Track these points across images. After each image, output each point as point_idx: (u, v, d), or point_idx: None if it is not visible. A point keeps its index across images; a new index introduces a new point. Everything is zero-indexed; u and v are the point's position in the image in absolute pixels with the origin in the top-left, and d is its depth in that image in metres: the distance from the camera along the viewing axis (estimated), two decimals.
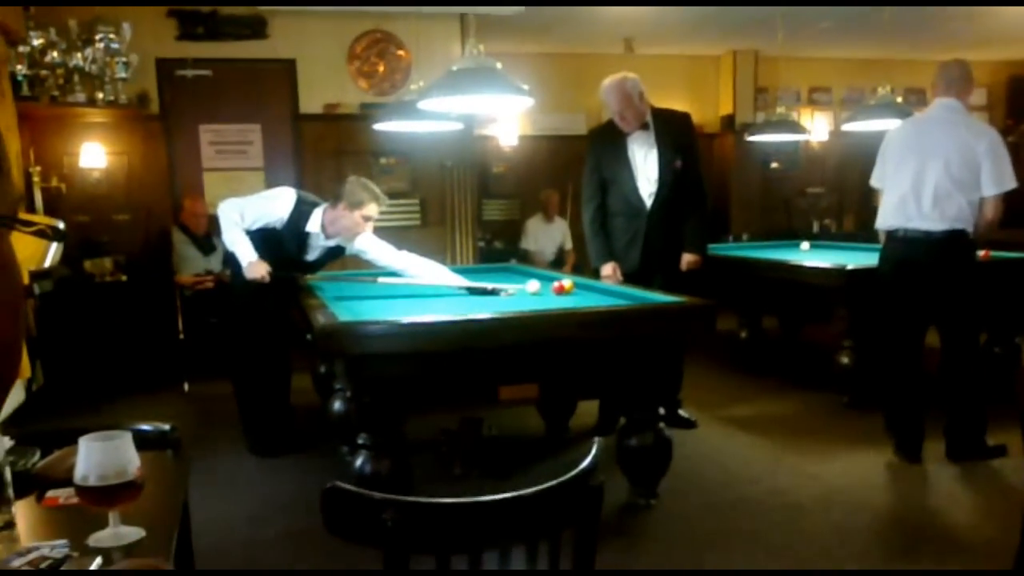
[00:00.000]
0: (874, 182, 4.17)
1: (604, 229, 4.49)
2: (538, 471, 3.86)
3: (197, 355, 6.01)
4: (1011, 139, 10.27)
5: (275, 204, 4.30)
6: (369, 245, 4.50)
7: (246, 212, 4.26)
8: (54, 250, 2.19)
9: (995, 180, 3.78)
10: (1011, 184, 3.81)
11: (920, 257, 3.88)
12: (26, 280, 3.96)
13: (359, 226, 4.29)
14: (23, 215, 2.11)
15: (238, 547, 3.26)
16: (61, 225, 2.23)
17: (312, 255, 4.46)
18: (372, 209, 4.27)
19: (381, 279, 4.38)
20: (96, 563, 1.31)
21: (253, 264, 4.19)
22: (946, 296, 3.89)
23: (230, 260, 4.41)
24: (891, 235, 4.02)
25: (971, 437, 3.98)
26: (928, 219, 3.83)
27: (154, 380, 5.86)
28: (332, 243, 4.43)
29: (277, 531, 3.41)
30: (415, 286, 4.30)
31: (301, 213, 4.31)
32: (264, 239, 4.28)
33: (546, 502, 1.37)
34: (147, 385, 5.79)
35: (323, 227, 4.32)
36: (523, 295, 3.98)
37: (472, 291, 4.13)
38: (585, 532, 1.43)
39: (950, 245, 3.84)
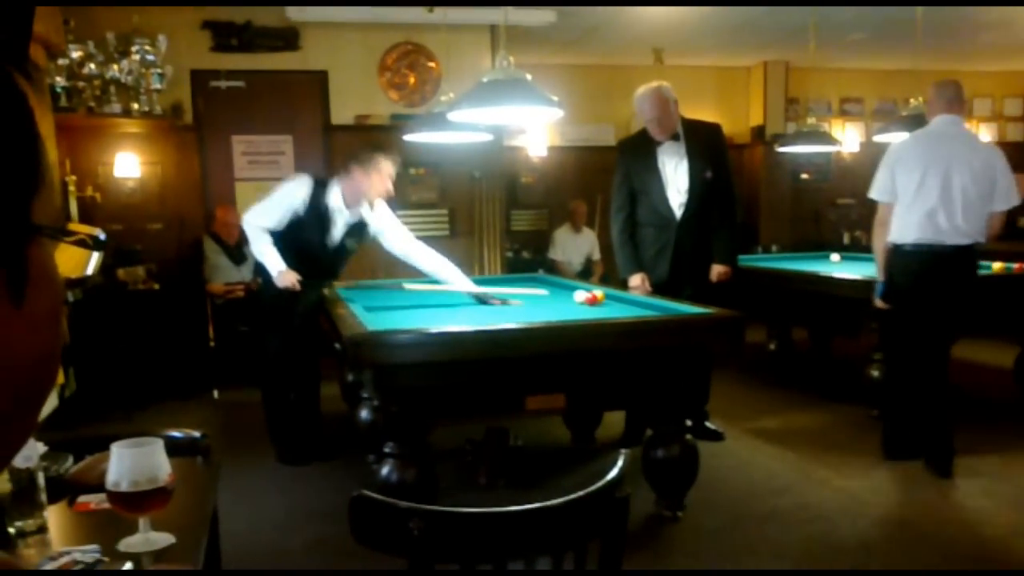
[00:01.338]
0: (878, 195, 4.12)
1: (633, 240, 4.48)
2: (564, 482, 3.85)
3: (227, 363, 6.07)
4: None
5: (293, 191, 4.33)
6: (386, 226, 4.48)
7: (271, 213, 4.31)
8: (95, 259, 2.23)
9: (1007, 196, 3.88)
10: (1017, 200, 3.92)
11: (944, 270, 3.89)
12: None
13: (379, 185, 4.26)
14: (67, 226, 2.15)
15: (265, 554, 3.29)
16: (102, 235, 2.25)
17: (336, 234, 4.42)
18: (386, 165, 4.27)
19: (407, 285, 4.40)
20: (126, 568, 1.32)
21: (283, 273, 4.24)
22: (953, 308, 3.93)
23: (260, 270, 4.46)
24: (907, 248, 3.96)
25: (948, 450, 3.99)
26: (960, 233, 3.84)
27: (185, 387, 5.92)
28: (354, 219, 4.41)
29: (304, 539, 3.43)
30: (441, 294, 4.31)
31: (319, 191, 4.33)
32: (289, 231, 4.31)
33: (572, 513, 1.37)
34: (178, 392, 5.85)
35: (344, 198, 4.33)
36: (541, 302, 3.97)
37: (478, 299, 4.16)
38: (611, 544, 1.42)
39: (971, 258, 3.93)
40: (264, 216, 4.31)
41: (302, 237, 4.35)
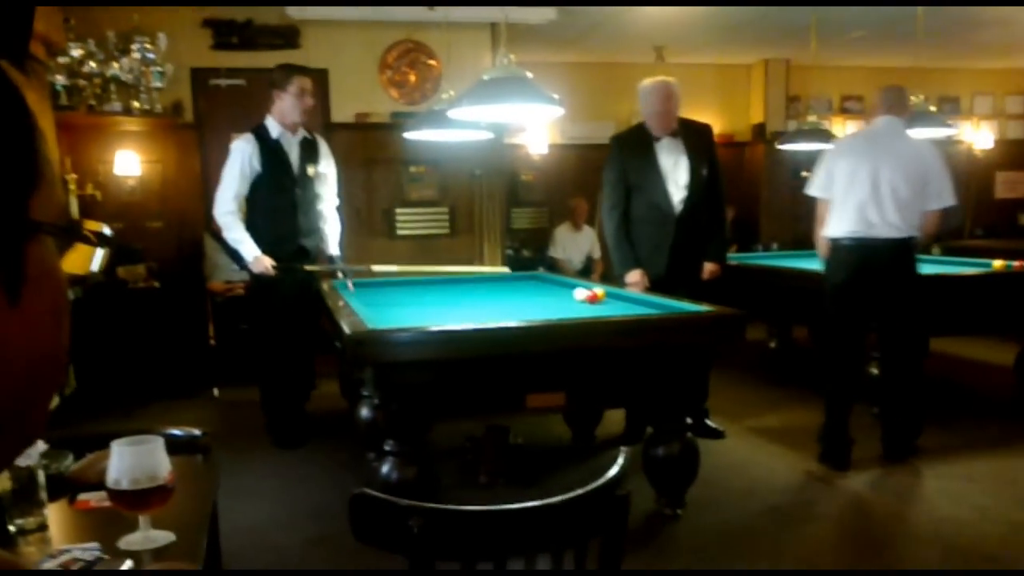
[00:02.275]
0: (816, 191, 4.22)
1: (629, 236, 4.47)
2: (564, 480, 3.85)
3: (228, 361, 6.07)
4: None
5: (238, 148, 4.57)
6: (326, 158, 4.81)
7: (230, 184, 4.54)
8: (101, 256, 2.22)
9: (939, 195, 3.96)
10: (951, 201, 4.00)
11: (877, 264, 3.96)
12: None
13: (297, 103, 4.53)
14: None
15: (266, 552, 3.29)
16: (107, 231, 2.25)
17: (294, 161, 4.63)
18: (298, 81, 4.53)
19: (374, 267, 4.79)
20: (126, 565, 1.33)
21: (258, 259, 4.44)
22: (895, 302, 4.00)
23: (237, 258, 4.68)
24: (843, 242, 4.04)
25: (907, 439, 4.14)
26: (891, 226, 3.92)
27: (185, 385, 5.92)
28: (300, 137, 4.66)
29: (305, 537, 3.43)
30: (438, 289, 4.42)
31: (260, 132, 4.59)
32: (259, 189, 4.56)
33: (572, 511, 1.37)
34: (178, 390, 5.84)
35: (281, 124, 4.58)
36: (542, 300, 3.98)
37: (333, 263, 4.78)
38: (611, 541, 1.42)
39: (905, 252, 3.98)
40: (227, 194, 4.54)
41: (270, 183, 4.56)
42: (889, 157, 3.96)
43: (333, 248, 4.83)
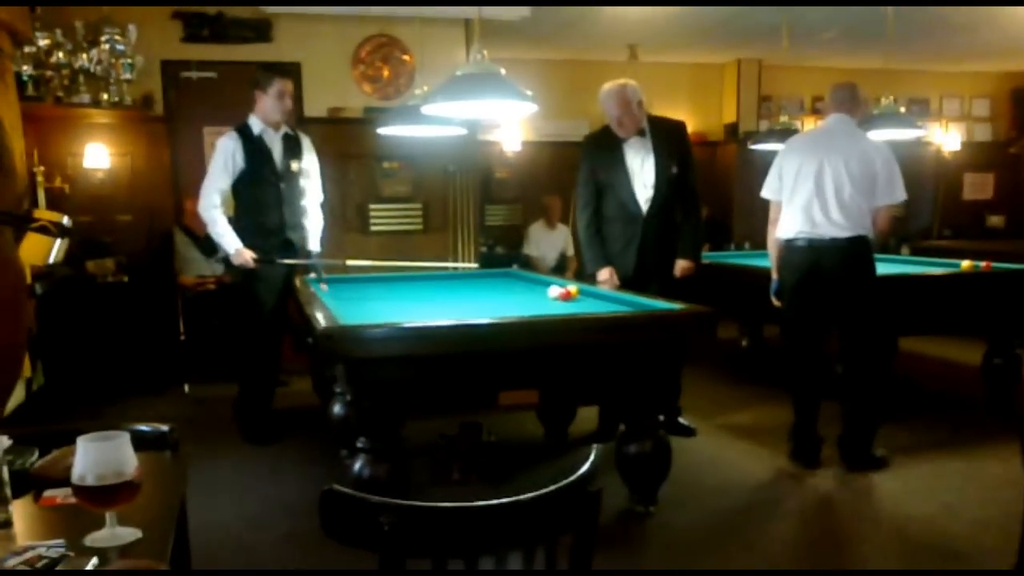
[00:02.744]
0: (768, 194, 4.23)
1: (599, 234, 4.49)
2: (537, 477, 3.84)
3: (198, 357, 6.01)
4: (1013, 150, 10.28)
5: (222, 145, 4.64)
6: (309, 154, 4.85)
7: (215, 178, 4.60)
8: (58, 246, 2.18)
9: (889, 191, 3.94)
10: (902, 196, 3.98)
11: (827, 264, 3.94)
12: (29, 279, 3.97)
13: (279, 103, 4.61)
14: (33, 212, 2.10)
15: (236, 550, 3.26)
16: (66, 220, 2.21)
17: (278, 156, 4.69)
18: (278, 83, 4.61)
19: (348, 262, 4.85)
20: (92, 563, 1.31)
21: (239, 251, 4.53)
22: (850, 302, 3.97)
23: (209, 251, 4.80)
24: (794, 242, 4.04)
25: (861, 446, 4.05)
26: (835, 225, 3.91)
27: (155, 381, 5.86)
28: (282, 133, 4.72)
29: (277, 534, 3.40)
30: (411, 285, 4.48)
31: (244, 130, 4.65)
32: (243, 182, 4.62)
33: (543, 508, 1.36)
34: (148, 386, 5.78)
35: (264, 122, 4.65)
36: (516, 298, 3.98)
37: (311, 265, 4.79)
38: (582, 538, 1.42)
39: (855, 251, 3.94)
40: (210, 189, 4.60)
41: (254, 178, 4.63)
42: (835, 155, 3.94)
43: (314, 244, 4.85)
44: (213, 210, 4.58)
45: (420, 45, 6.57)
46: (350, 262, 4.84)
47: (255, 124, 4.66)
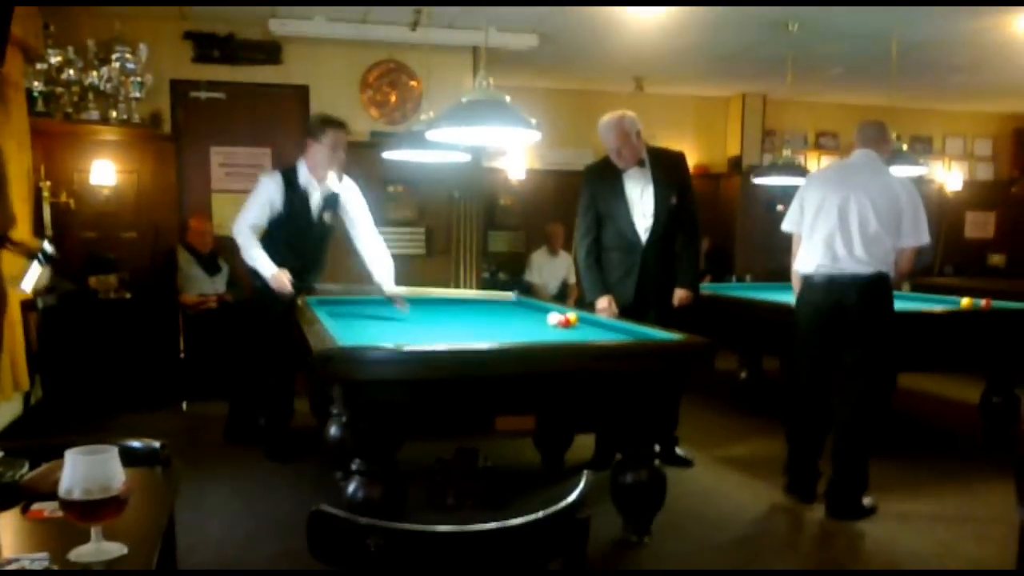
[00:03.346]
0: (789, 227, 4.14)
1: (599, 263, 4.51)
2: (531, 503, 3.82)
3: (197, 375, 6.01)
4: (1015, 189, 10.32)
5: (265, 185, 4.64)
6: (352, 201, 4.82)
7: (252, 212, 4.60)
8: (39, 273, 2.17)
9: (914, 232, 3.83)
10: (926, 239, 3.87)
11: (846, 301, 3.82)
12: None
13: (331, 155, 4.58)
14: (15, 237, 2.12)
15: (225, 568, 3.24)
16: (49, 248, 2.22)
17: (315, 209, 4.71)
18: (332, 134, 4.56)
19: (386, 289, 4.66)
20: None
21: (276, 275, 4.49)
22: (864, 340, 3.83)
23: (255, 275, 4.63)
24: (812, 278, 3.94)
25: (850, 492, 3.87)
26: (858, 261, 3.79)
27: (153, 398, 5.85)
28: (326, 191, 4.71)
29: (268, 553, 3.39)
30: (412, 309, 4.52)
31: (290, 176, 4.65)
32: (276, 222, 4.62)
33: (531, 534, 1.36)
34: (146, 403, 5.77)
35: (311, 172, 4.64)
36: (514, 324, 3.98)
37: (389, 299, 4.60)
38: (571, 565, 1.42)
39: (876, 288, 3.83)
40: (246, 219, 4.59)
41: (287, 226, 4.64)
42: (860, 190, 3.83)
43: (389, 285, 4.71)
44: (247, 236, 4.56)
45: (428, 71, 6.62)
46: (390, 290, 4.72)
47: (302, 173, 4.64)
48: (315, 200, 4.70)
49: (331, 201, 4.77)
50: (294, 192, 4.63)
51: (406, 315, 4.47)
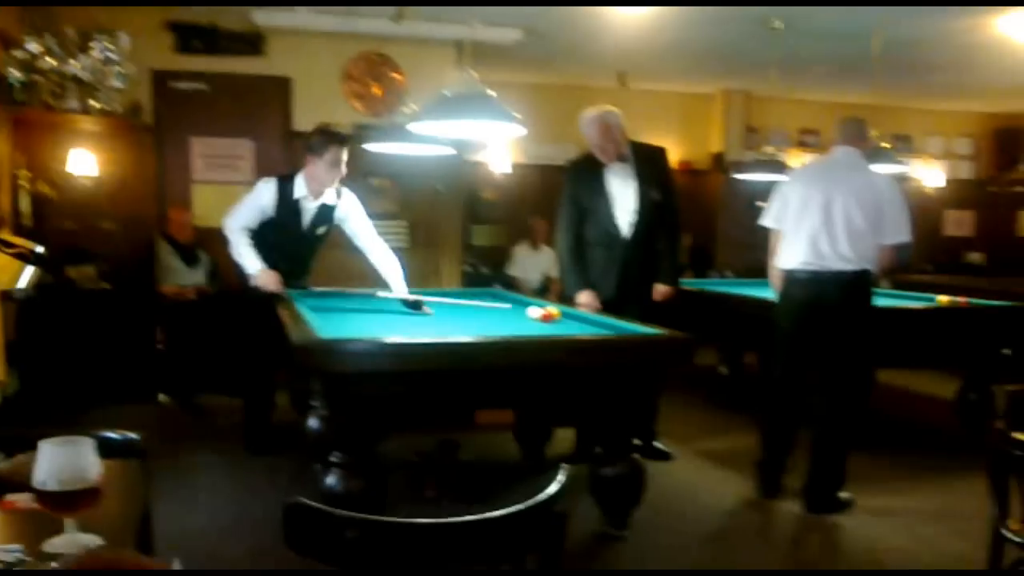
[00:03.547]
0: (769, 222, 4.16)
1: (581, 258, 4.51)
2: (511, 497, 3.83)
3: (175, 367, 5.97)
4: (993, 188, 10.42)
5: (260, 193, 4.61)
6: (352, 216, 4.79)
7: (243, 214, 4.58)
8: (31, 273, 2.17)
9: (895, 229, 3.85)
10: (907, 237, 3.88)
11: (828, 297, 3.85)
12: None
13: (331, 171, 4.54)
14: (5, 237, 2.10)
15: (204, 560, 3.22)
16: (40, 249, 2.21)
17: (306, 222, 4.69)
18: (334, 152, 4.51)
19: (380, 293, 4.53)
20: (52, 568, 1.29)
21: (261, 272, 4.47)
22: (845, 336, 3.87)
23: (240, 271, 4.62)
24: (796, 274, 3.96)
25: (827, 486, 3.90)
26: (843, 258, 3.81)
27: (131, 390, 5.81)
28: (319, 205, 4.67)
29: (247, 546, 3.38)
30: (390, 301, 4.44)
31: (285, 187, 4.61)
32: (265, 227, 4.60)
33: (508, 526, 1.37)
34: (123, 395, 5.72)
35: (308, 187, 4.60)
36: (496, 318, 3.98)
37: (405, 303, 4.38)
38: (548, 558, 1.42)
39: (858, 285, 3.86)
40: (237, 218, 4.59)
41: (276, 231, 4.62)
42: (844, 187, 3.85)
43: (400, 288, 4.60)
44: (236, 232, 4.56)
45: (411, 64, 6.61)
46: (381, 294, 4.65)
47: (299, 187, 4.60)
48: (308, 213, 4.67)
49: (325, 215, 4.73)
50: (287, 203, 4.60)
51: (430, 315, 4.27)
